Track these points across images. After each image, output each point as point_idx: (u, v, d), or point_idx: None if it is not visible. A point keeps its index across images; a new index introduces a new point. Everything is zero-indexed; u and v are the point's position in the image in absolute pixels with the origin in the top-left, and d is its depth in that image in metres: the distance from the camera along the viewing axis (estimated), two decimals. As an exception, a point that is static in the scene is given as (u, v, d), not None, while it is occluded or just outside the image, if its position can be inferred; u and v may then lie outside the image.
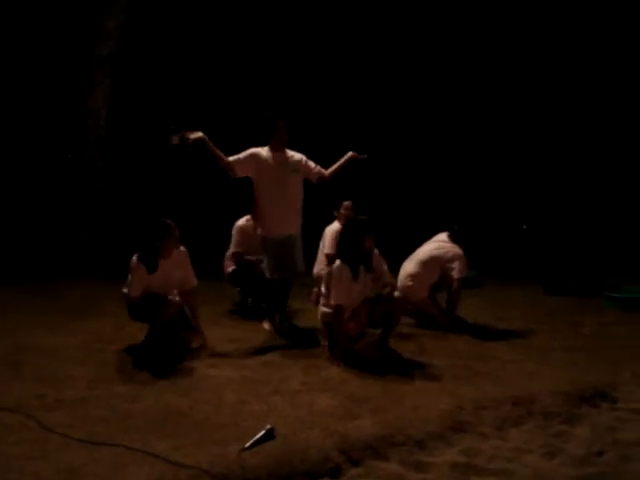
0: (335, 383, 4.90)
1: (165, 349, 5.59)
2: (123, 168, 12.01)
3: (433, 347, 6.04)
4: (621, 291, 8.28)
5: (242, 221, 7.49)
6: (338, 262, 5.52)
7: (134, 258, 5.53)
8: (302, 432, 3.90)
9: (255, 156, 6.23)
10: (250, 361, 5.46)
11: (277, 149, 6.30)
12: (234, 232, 7.48)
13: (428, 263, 6.88)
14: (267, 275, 6.37)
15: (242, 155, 6.21)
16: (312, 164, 6.47)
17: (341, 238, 5.72)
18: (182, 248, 5.76)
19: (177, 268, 5.70)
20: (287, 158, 6.34)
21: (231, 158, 6.12)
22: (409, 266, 6.98)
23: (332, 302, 5.48)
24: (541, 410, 4.41)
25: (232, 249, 7.47)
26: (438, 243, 7.02)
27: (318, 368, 5.25)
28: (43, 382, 4.77)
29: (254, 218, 7.31)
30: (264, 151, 6.29)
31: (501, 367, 5.41)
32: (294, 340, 6.18)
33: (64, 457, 3.52)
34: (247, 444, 3.65)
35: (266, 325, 6.57)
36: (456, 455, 3.74)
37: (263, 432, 3.77)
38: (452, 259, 6.82)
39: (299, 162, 6.40)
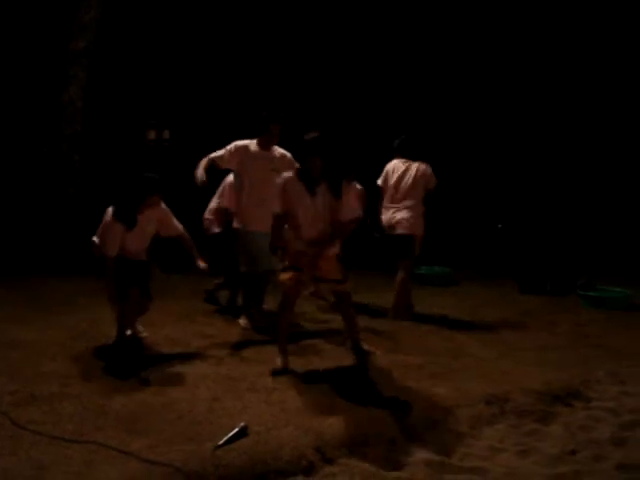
0: (310, 380, 4.89)
1: (138, 346, 5.55)
2: (99, 162, 11.90)
3: (408, 344, 6.06)
4: (595, 290, 8.35)
5: (232, 177, 6.96)
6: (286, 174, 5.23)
7: (109, 214, 5.42)
8: (276, 430, 3.89)
9: (241, 149, 6.31)
10: (225, 358, 5.44)
11: (265, 147, 6.35)
12: (223, 186, 7.18)
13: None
14: (241, 269, 6.38)
15: (227, 149, 6.31)
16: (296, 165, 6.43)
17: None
18: (163, 206, 5.65)
19: (151, 221, 5.58)
20: (273, 157, 6.37)
21: (213, 154, 6.24)
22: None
23: (274, 210, 5.14)
24: (515, 409, 4.44)
25: (219, 203, 7.17)
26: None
27: (294, 365, 5.23)
28: (16, 378, 4.72)
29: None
30: (252, 145, 6.35)
31: (475, 365, 5.43)
32: (270, 336, 6.16)
33: (35, 454, 3.49)
34: (221, 441, 3.65)
35: (242, 321, 6.53)
36: (430, 453, 3.76)
37: (237, 429, 3.76)
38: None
39: (281, 160, 6.37)
